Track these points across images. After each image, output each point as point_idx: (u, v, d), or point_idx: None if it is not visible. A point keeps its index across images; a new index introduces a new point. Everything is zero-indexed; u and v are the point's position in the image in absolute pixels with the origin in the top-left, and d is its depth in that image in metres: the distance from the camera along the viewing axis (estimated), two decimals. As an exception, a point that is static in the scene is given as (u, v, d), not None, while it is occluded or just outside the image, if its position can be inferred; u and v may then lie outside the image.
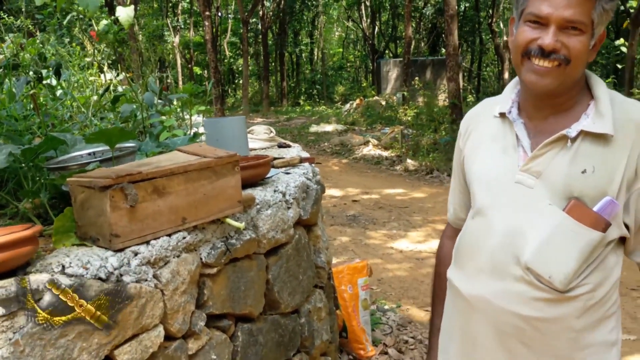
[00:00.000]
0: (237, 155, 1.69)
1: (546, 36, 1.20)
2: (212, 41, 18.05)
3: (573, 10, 1.18)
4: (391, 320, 3.96)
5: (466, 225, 1.46)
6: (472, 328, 1.39)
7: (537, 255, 1.24)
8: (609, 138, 1.23)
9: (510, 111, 1.37)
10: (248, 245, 1.80)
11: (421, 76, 18.70)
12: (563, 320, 1.26)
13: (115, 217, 1.38)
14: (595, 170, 1.23)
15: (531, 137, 1.32)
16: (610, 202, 1.22)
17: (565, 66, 1.21)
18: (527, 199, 1.28)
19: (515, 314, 1.27)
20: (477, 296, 1.35)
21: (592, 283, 1.25)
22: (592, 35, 1.23)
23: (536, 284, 1.25)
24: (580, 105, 1.29)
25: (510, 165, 1.32)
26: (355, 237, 5.99)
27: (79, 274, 1.28)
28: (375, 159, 11.30)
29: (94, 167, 1.59)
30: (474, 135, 1.46)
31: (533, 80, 1.25)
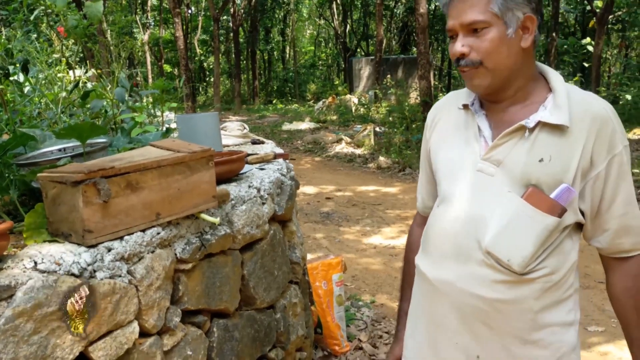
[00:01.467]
0: (211, 150, 1.68)
1: (453, 46, 1.32)
2: (182, 39, 17.87)
3: (468, 13, 1.27)
4: (365, 316, 3.99)
5: (432, 213, 1.51)
6: (437, 311, 1.44)
7: (496, 239, 1.30)
8: (565, 129, 1.29)
9: (473, 103, 1.43)
10: (223, 241, 1.80)
11: (393, 74, 18.82)
12: (522, 301, 1.32)
13: (88, 213, 1.36)
14: (552, 159, 1.29)
15: (492, 127, 1.39)
16: (567, 189, 1.28)
17: (479, 67, 1.30)
18: (488, 187, 1.34)
19: (478, 296, 1.33)
20: (442, 280, 1.41)
21: (549, 267, 1.31)
22: (507, 25, 1.28)
23: (497, 267, 1.31)
24: (537, 96, 1.35)
25: (473, 154, 1.38)
26: (329, 234, 6.01)
27: (51, 270, 1.26)
28: (348, 156, 11.33)
29: (65, 163, 1.57)
30: (440, 126, 1.52)
31: (469, 85, 1.36)
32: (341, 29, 29.48)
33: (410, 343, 1.59)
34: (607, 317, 3.86)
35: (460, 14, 1.29)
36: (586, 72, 18.73)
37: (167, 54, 31.52)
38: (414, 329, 1.57)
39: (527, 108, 1.34)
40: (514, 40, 1.29)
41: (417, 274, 1.54)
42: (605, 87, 15.01)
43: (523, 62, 1.33)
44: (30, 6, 4.46)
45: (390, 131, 12.00)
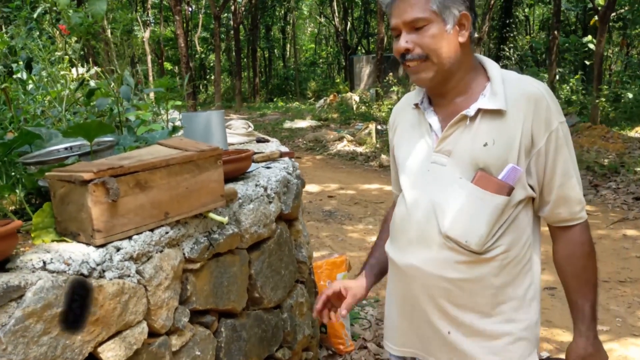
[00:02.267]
0: (219, 149, 1.67)
1: (397, 43, 1.41)
2: (183, 36, 17.84)
3: (410, 12, 1.37)
4: (369, 315, 3.98)
5: (397, 204, 1.62)
6: (407, 293, 1.55)
7: (453, 223, 1.41)
8: (503, 113, 1.39)
9: (422, 101, 1.55)
10: (231, 240, 1.79)
11: (394, 72, 18.77)
12: (483, 279, 1.43)
13: (97, 212, 1.35)
14: (495, 143, 1.39)
15: (441, 121, 1.50)
16: (513, 169, 1.38)
17: (426, 60, 1.40)
18: (442, 176, 1.45)
19: (442, 277, 1.44)
20: (409, 265, 1.51)
21: (505, 244, 1.42)
22: (445, 22, 1.38)
23: (457, 249, 1.42)
24: (477, 86, 1.46)
25: (427, 148, 1.50)
26: (333, 233, 6.00)
27: (60, 270, 1.25)
28: (350, 154, 11.31)
29: (73, 162, 1.56)
30: (399, 127, 1.64)
31: (414, 79, 1.45)
32: (342, 26, 29.43)
33: (388, 323, 1.70)
34: (612, 317, 3.85)
35: (402, 13, 1.39)
36: (587, 69, 18.70)
37: (168, 51, 31.48)
38: (391, 312, 1.68)
39: (469, 98, 1.45)
40: (452, 36, 1.39)
41: (390, 262, 1.64)
42: (606, 85, 14.97)
43: (462, 55, 1.43)
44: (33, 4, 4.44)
45: (392, 129, 11.98)
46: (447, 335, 1.49)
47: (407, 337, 1.60)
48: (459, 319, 1.47)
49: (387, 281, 1.70)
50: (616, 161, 8.44)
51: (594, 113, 12.37)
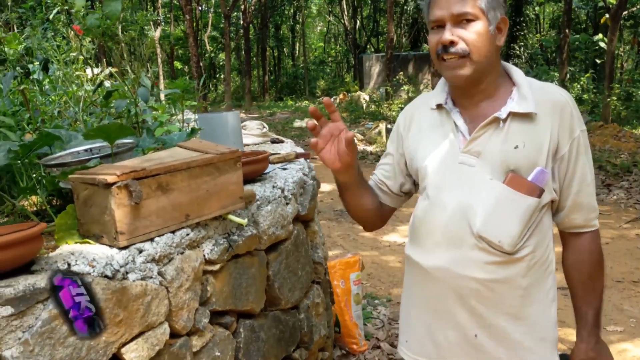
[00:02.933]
0: (238, 151, 1.68)
1: (443, 33, 1.39)
2: (193, 35, 17.89)
3: (459, 5, 1.37)
4: (382, 315, 3.98)
5: (419, 207, 1.59)
6: (433, 297, 1.54)
7: (486, 224, 1.41)
8: (533, 116, 1.42)
9: (446, 102, 1.54)
10: (249, 242, 1.80)
11: (403, 71, 18.76)
12: (511, 280, 1.44)
13: (120, 215, 1.36)
14: (526, 145, 1.41)
15: (468, 122, 1.49)
16: (541, 171, 1.41)
17: (467, 57, 1.38)
18: (471, 177, 1.45)
19: (472, 278, 1.44)
20: (436, 267, 1.50)
21: (532, 245, 1.44)
22: (489, 21, 1.39)
23: (488, 250, 1.42)
24: (503, 91, 1.48)
25: (452, 149, 1.49)
26: (344, 232, 6.01)
27: (85, 272, 1.26)
28: (360, 154, 11.31)
29: (95, 164, 1.57)
30: (415, 126, 1.62)
31: (449, 75, 1.43)
32: (351, 25, 29.40)
33: (405, 328, 1.69)
34: (626, 317, 3.84)
35: (450, 5, 1.38)
36: (598, 68, 18.58)
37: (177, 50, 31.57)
38: (409, 316, 1.66)
39: (497, 102, 1.46)
40: (493, 37, 1.41)
41: (409, 264, 1.63)
42: (618, 84, 14.87)
43: (496, 59, 1.46)
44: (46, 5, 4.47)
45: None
46: (474, 339, 1.49)
47: (422, 344, 1.59)
48: (488, 320, 1.47)
49: (405, 286, 1.69)
50: (628, 160, 8.40)
51: (606, 112, 12.31)
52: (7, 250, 1.15)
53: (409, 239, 1.65)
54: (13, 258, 1.18)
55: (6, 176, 1.88)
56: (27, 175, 1.87)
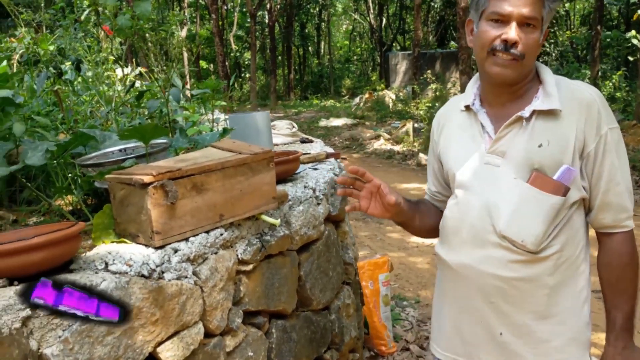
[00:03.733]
0: (272, 151, 1.68)
1: (510, 31, 1.37)
2: (219, 35, 18.00)
3: (529, 8, 1.37)
4: (411, 316, 3.95)
5: (448, 206, 1.61)
6: (460, 294, 1.55)
7: (509, 223, 1.41)
8: (558, 113, 1.41)
9: (473, 103, 1.55)
10: (282, 242, 1.79)
11: (430, 69, 18.58)
12: (538, 278, 1.43)
13: (156, 214, 1.37)
14: (550, 144, 1.40)
15: (494, 122, 1.50)
16: (568, 170, 1.40)
17: (520, 60, 1.39)
18: (496, 177, 1.46)
19: (496, 275, 1.45)
20: (462, 264, 1.52)
21: (559, 243, 1.43)
22: (541, 31, 1.42)
23: (512, 249, 1.42)
24: (532, 90, 1.48)
25: (479, 149, 1.50)
26: (371, 232, 5.98)
27: (123, 271, 1.28)
28: (387, 153, 11.25)
29: (130, 164, 1.58)
30: (446, 129, 1.63)
31: (497, 71, 1.42)
32: (377, 23, 29.28)
33: (436, 326, 1.71)
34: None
35: (522, 4, 1.37)
36: (630, 65, 18.18)
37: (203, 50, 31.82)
38: (439, 313, 1.68)
39: (523, 101, 1.47)
40: (539, 45, 1.43)
41: (438, 261, 1.65)
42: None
43: (533, 66, 1.48)
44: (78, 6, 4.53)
45: (429, 127, 11.83)
46: (499, 337, 1.49)
47: (451, 341, 1.61)
48: (513, 318, 1.47)
49: (436, 283, 1.72)
50: (663, 160, 8.20)
51: (639, 110, 12.03)
52: (47, 249, 1.17)
53: (439, 238, 1.67)
54: (53, 257, 1.19)
55: (42, 175, 1.92)
56: (63, 175, 1.90)
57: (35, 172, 1.90)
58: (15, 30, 5.66)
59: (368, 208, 1.55)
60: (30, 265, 1.16)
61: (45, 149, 1.56)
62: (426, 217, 1.70)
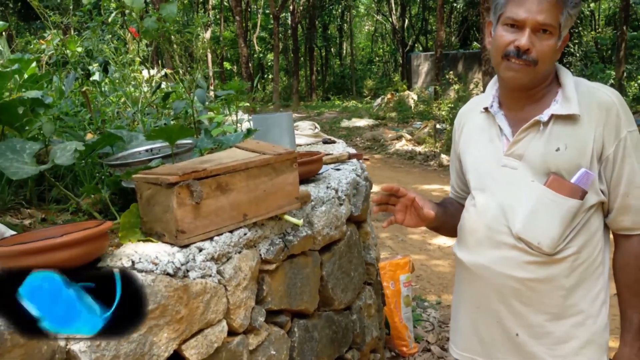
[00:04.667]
0: (295, 152, 1.70)
1: (522, 38, 1.38)
2: (243, 36, 18.11)
3: (545, 15, 1.37)
4: (432, 317, 3.95)
5: (465, 208, 1.63)
6: (476, 294, 1.58)
7: (525, 225, 1.43)
8: (576, 118, 1.42)
9: (492, 105, 1.56)
10: (304, 242, 1.81)
11: (453, 70, 18.47)
12: (553, 279, 1.44)
13: (181, 214, 1.39)
14: (568, 148, 1.41)
15: (511, 125, 1.51)
16: (585, 173, 1.40)
17: (534, 66, 1.40)
18: (513, 179, 1.47)
19: (512, 276, 1.46)
20: (478, 265, 1.54)
21: (576, 245, 1.43)
22: (559, 37, 1.42)
23: (527, 250, 1.43)
24: (550, 94, 1.48)
25: (497, 152, 1.52)
26: (392, 233, 5.97)
27: (149, 270, 1.30)
28: (409, 154, 11.21)
29: (157, 164, 1.61)
30: (466, 130, 1.66)
31: (510, 76, 1.44)
32: (399, 24, 29.20)
33: (454, 326, 1.73)
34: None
35: (536, 11, 1.37)
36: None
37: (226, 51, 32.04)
38: (457, 313, 1.70)
39: (541, 105, 1.47)
40: (556, 51, 1.44)
41: (457, 262, 1.67)
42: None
43: (551, 70, 1.48)
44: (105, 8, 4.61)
45: (451, 128, 11.74)
46: (515, 337, 1.50)
47: (469, 341, 1.64)
48: (529, 319, 1.48)
49: (455, 284, 1.74)
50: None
51: (666, 111, 11.81)
52: (76, 248, 1.19)
53: (457, 239, 1.69)
54: (81, 255, 1.22)
55: (69, 175, 1.96)
56: (90, 174, 1.93)
57: (63, 171, 1.94)
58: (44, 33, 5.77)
59: (404, 220, 1.61)
60: (58, 264, 1.18)
61: (74, 148, 1.60)
62: (456, 218, 1.71)
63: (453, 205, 1.77)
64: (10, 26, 15.94)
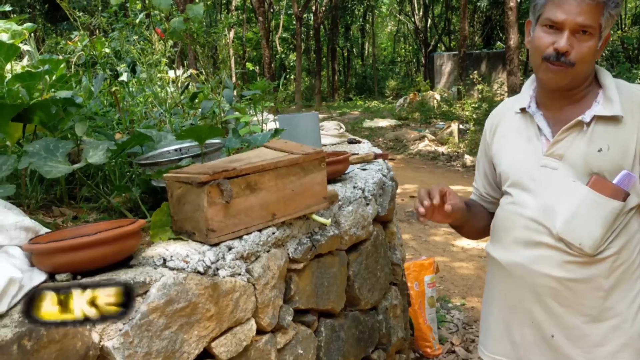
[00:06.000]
0: (323, 152, 1.70)
1: (561, 40, 1.37)
2: (266, 37, 18.18)
3: (585, 16, 1.35)
4: (456, 319, 3.92)
5: (501, 207, 1.60)
6: (512, 294, 1.54)
7: (567, 226, 1.40)
8: (619, 119, 1.40)
9: (529, 106, 1.54)
10: (331, 242, 1.81)
11: (476, 69, 18.31)
12: (593, 280, 1.41)
13: (212, 212, 1.41)
14: (610, 148, 1.39)
15: (551, 126, 1.50)
16: (627, 175, 1.38)
17: (571, 68, 1.38)
18: (553, 179, 1.45)
19: (550, 276, 1.43)
20: (514, 263, 1.51)
21: (616, 246, 1.40)
22: (600, 38, 1.40)
23: (567, 250, 1.41)
24: (591, 94, 1.47)
25: (535, 151, 1.50)
26: (415, 234, 5.95)
27: (180, 268, 1.31)
28: (431, 154, 11.15)
29: (187, 163, 1.63)
30: (499, 130, 1.63)
31: (548, 77, 1.43)
32: (422, 24, 29.04)
33: (484, 327, 1.69)
34: None
35: (576, 13, 1.35)
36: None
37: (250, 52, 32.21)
38: (488, 314, 1.67)
39: (582, 105, 1.46)
40: (596, 52, 1.41)
41: (489, 260, 1.64)
42: None
43: (591, 71, 1.47)
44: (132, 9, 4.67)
45: (475, 129, 11.62)
46: (550, 339, 1.48)
47: (500, 343, 1.61)
48: (565, 320, 1.45)
49: (486, 284, 1.72)
50: None
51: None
52: (109, 245, 1.21)
53: (490, 237, 1.67)
54: (114, 252, 1.24)
55: (100, 174, 1.99)
56: (120, 173, 1.96)
57: (94, 170, 1.98)
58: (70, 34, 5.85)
59: (432, 216, 1.55)
60: (92, 261, 1.21)
61: (106, 148, 1.62)
62: (478, 219, 1.71)
63: (476, 207, 1.75)
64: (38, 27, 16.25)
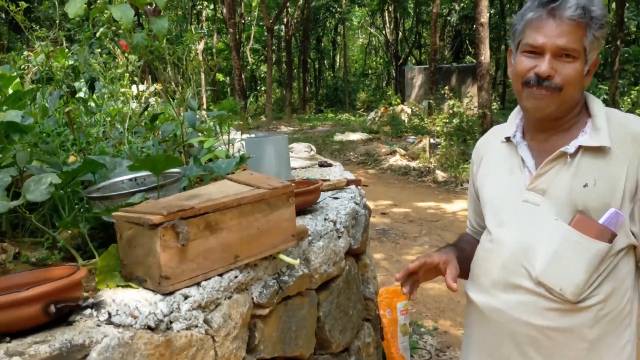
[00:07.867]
0: (292, 185, 1.56)
1: (542, 64, 1.29)
2: (236, 48, 18.02)
3: (566, 39, 1.27)
4: (429, 345, 3.81)
5: (480, 244, 1.51)
6: (490, 340, 1.45)
7: (547, 268, 1.30)
8: (607, 151, 1.30)
9: (514, 135, 1.46)
10: (300, 282, 1.67)
11: (446, 83, 18.44)
12: (575, 330, 1.31)
13: (166, 258, 1.25)
14: (597, 184, 1.29)
15: (535, 157, 1.40)
16: (615, 213, 1.27)
17: (558, 93, 1.30)
18: (535, 216, 1.34)
19: (529, 323, 1.33)
20: (492, 308, 1.41)
21: (603, 293, 1.30)
22: (586, 62, 1.31)
23: (547, 296, 1.30)
24: (579, 124, 1.38)
25: (517, 185, 1.40)
26: (387, 253, 5.83)
27: (127, 324, 1.16)
28: (403, 169, 11.10)
29: (140, 199, 1.47)
30: (485, 161, 1.55)
31: (533, 105, 1.34)
32: (392, 37, 29.26)
33: None
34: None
35: (556, 35, 1.27)
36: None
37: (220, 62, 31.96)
38: (468, 355, 1.57)
39: (568, 135, 1.36)
40: (584, 78, 1.33)
41: (468, 303, 1.55)
42: None
43: (579, 98, 1.37)
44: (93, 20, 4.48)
45: (446, 144, 11.61)
46: None
47: None
48: None
49: (465, 327, 1.62)
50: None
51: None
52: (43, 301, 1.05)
53: (469, 277, 1.56)
54: (50, 310, 1.08)
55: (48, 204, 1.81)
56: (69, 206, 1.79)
57: (41, 200, 1.80)
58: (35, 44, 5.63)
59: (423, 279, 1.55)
60: (24, 320, 1.04)
61: (49, 182, 1.45)
62: None
63: (470, 244, 1.64)
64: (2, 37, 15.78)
